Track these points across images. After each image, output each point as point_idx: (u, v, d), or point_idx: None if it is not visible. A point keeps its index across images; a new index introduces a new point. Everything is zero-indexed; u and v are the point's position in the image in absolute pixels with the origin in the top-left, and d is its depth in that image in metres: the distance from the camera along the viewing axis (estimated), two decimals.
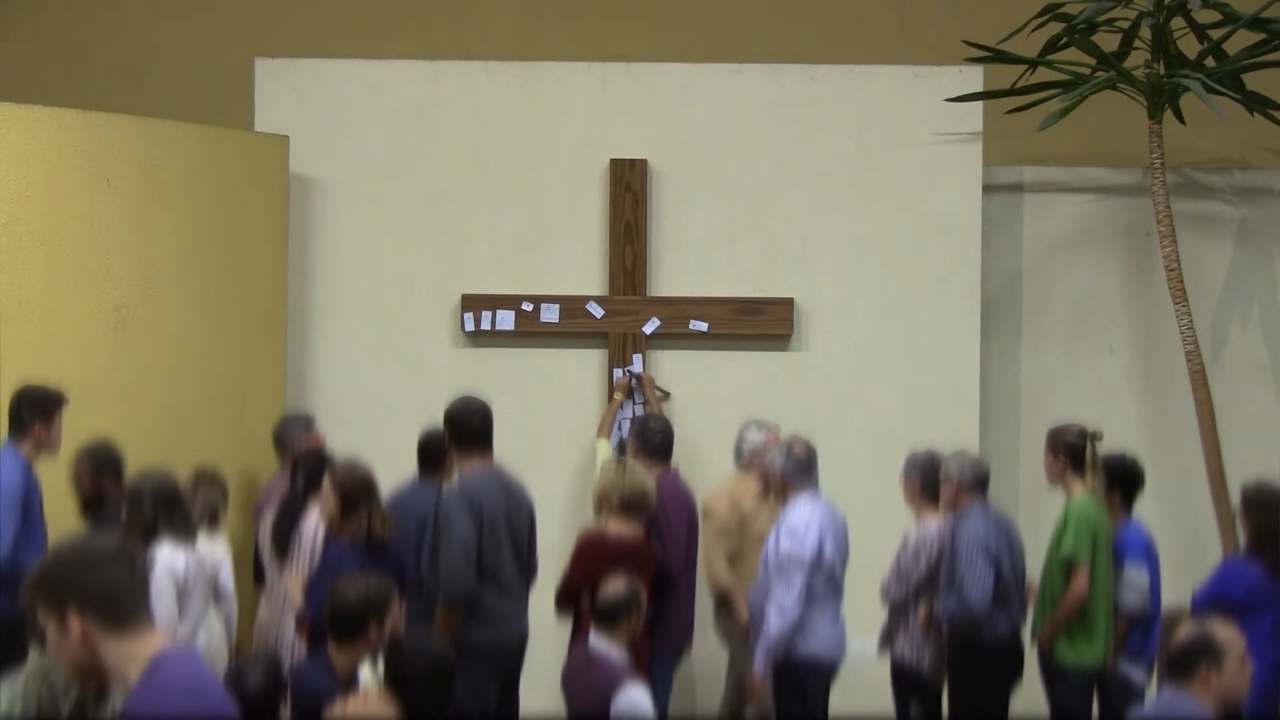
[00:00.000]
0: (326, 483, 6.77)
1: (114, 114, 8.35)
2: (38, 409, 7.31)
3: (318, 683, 5.53)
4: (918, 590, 7.26)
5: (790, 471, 7.20)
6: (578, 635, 6.89)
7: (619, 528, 6.93)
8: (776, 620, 7.00)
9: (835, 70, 9.06)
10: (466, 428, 7.01)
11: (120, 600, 3.59)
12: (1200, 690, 4.95)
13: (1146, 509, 7.71)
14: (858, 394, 8.96)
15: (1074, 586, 7.01)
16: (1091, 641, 7.08)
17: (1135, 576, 7.21)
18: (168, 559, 6.57)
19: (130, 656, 3.58)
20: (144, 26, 10.23)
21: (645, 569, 6.88)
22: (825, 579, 7.10)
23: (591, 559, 6.85)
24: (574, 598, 6.90)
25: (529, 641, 7.18)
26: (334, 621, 5.69)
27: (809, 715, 7.12)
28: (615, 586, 6.39)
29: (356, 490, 6.63)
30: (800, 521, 7.07)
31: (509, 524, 6.95)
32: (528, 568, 7.13)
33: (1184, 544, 8.86)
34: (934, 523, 7.32)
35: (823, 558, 7.06)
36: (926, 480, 7.36)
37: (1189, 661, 4.98)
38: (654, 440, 7.78)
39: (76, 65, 10.10)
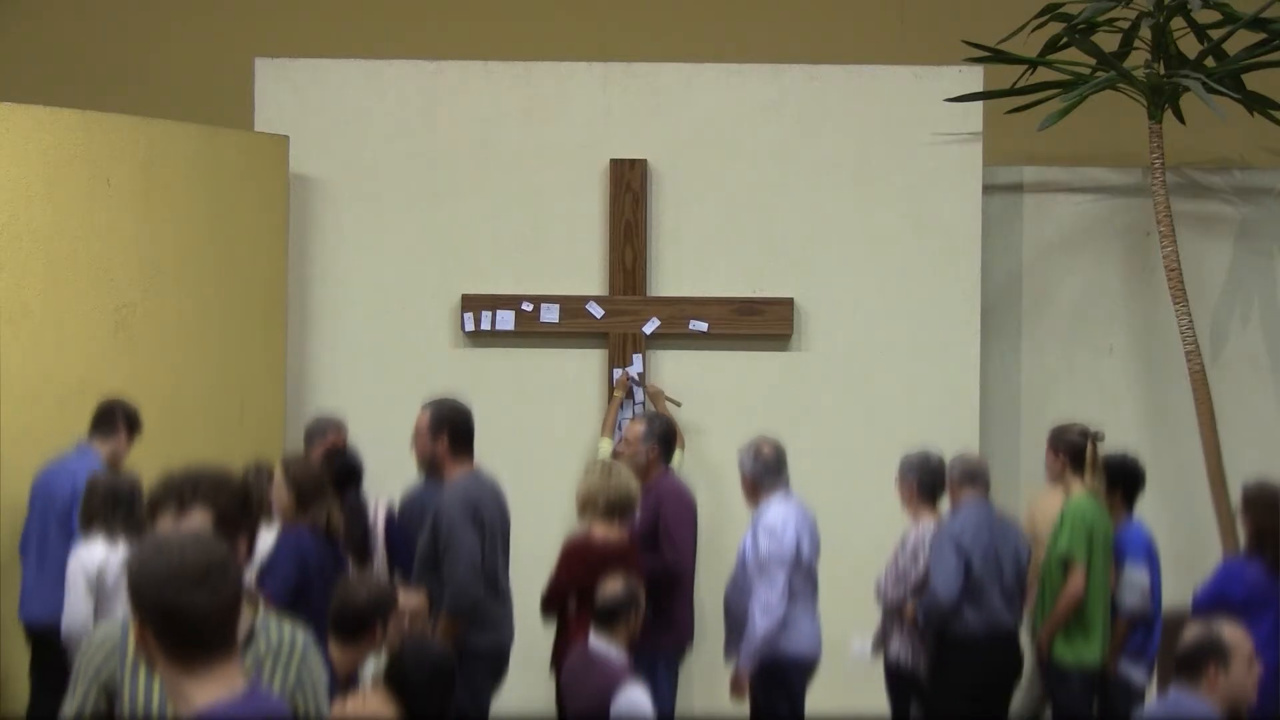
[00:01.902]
0: (279, 475, 6.77)
1: (114, 114, 8.36)
2: (131, 422, 7.54)
3: None
4: (916, 592, 7.25)
5: (759, 473, 7.22)
6: (563, 638, 6.91)
7: (604, 531, 6.92)
8: (763, 619, 7.03)
9: (835, 70, 9.06)
10: (465, 431, 6.95)
11: (182, 628, 3.06)
12: (1208, 691, 4.94)
13: (1146, 509, 7.70)
14: (858, 394, 8.96)
15: (1070, 585, 7.02)
16: (1089, 640, 7.08)
17: (1136, 576, 7.21)
18: (84, 555, 6.64)
19: (182, 695, 3.09)
20: (144, 26, 10.22)
21: (632, 572, 6.90)
22: (804, 577, 7.14)
23: (578, 562, 6.85)
24: (560, 601, 6.90)
25: (526, 641, 7.18)
26: (340, 620, 5.69)
27: (788, 713, 7.14)
28: (614, 587, 6.38)
29: (313, 482, 6.59)
30: (777, 520, 7.10)
31: (501, 528, 6.92)
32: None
33: (1184, 544, 8.86)
34: (932, 524, 7.31)
35: (800, 556, 7.10)
36: (923, 481, 7.36)
37: (1196, 662, 4.97)
38: (673, 442, 7.77)
39: (76, 65, 10.10)
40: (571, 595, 6.84)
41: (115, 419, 7.53)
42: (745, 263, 9.02)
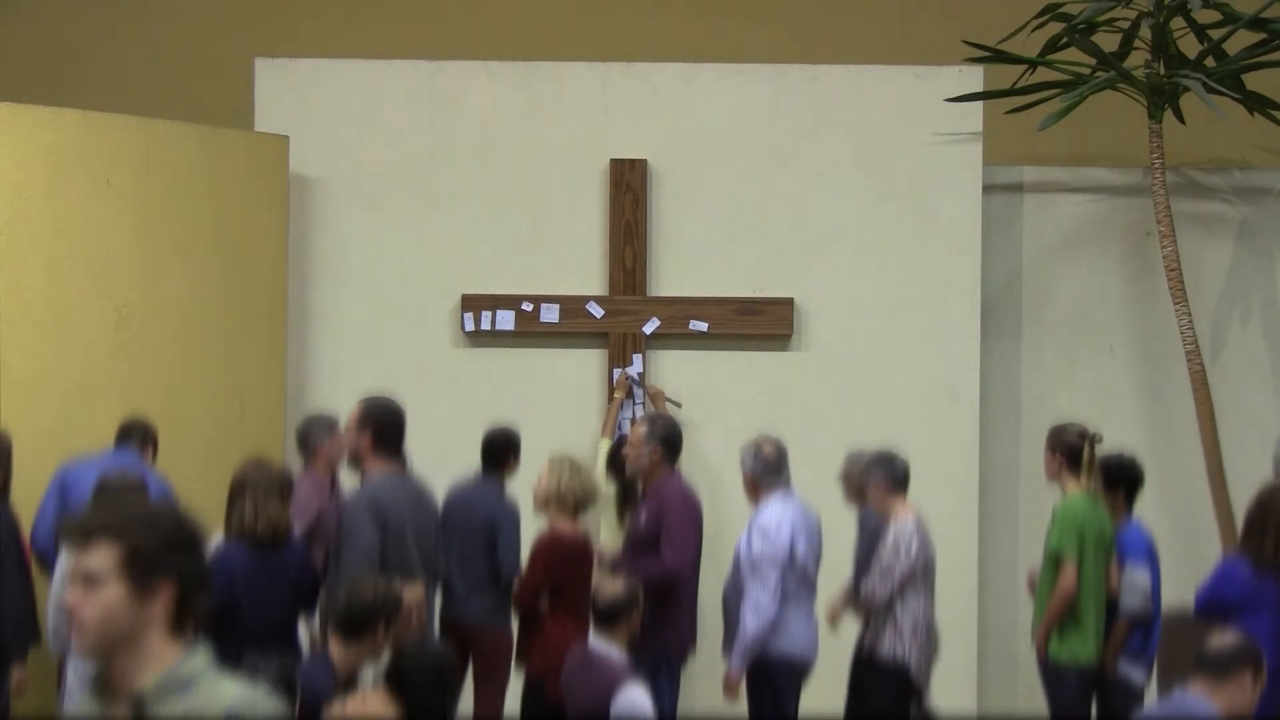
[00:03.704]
0: None
1: (114, 114, 8.35)
2: (155, 444, 7.69)
3: (317, 682, 5.53)
4: (902, 586, 7.22)
5: (759, 472, 7.22)
6: (532, 636, 6.89)
7: (572, 527, 6.95)
8: (753, 619, 7.04)
9: (835, 70, 9.07)
10: (389, 430, 6.83)
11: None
12: (1233, 692, 4.90)
13: (1146, 509, 7.70)
14: (858, 394, 8.96)
15: (1062, 582, 7.02)
16: (1083, 638, 7.07)
17: (1137, 577, 7.20)
18: (65, 557, 6.60)
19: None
20: (144, 26, 10.22)
21: (591, 567, 7.00)
22: (798, 578, 7.13)
23: (554, 559, 6.89)
24: (536, 598, 6.92)
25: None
26: (344, 619, 5.69)
27: (781, 714, 7.14)
28: (614, 587, 6.39)
29: (239, 483, 6.50)
30: (772, 521, 7.11)
31: (416, 532, 6.78)
32: (439, 574, 6.99)
33: (1184, 544, 8.86)
34: (909, 518, 7.26)
35: (795, 556, 7.10)
36: (889, 477, 7.32)
37: (1230, 664, 4.92)
38: (678, 444, 7.74)
39: (76, 65, 10.10)
40: (544, 592, 6.85)
41: (147, 433, 7.62)
42: (745, 263, 9.02)
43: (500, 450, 7.65)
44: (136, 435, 7.62)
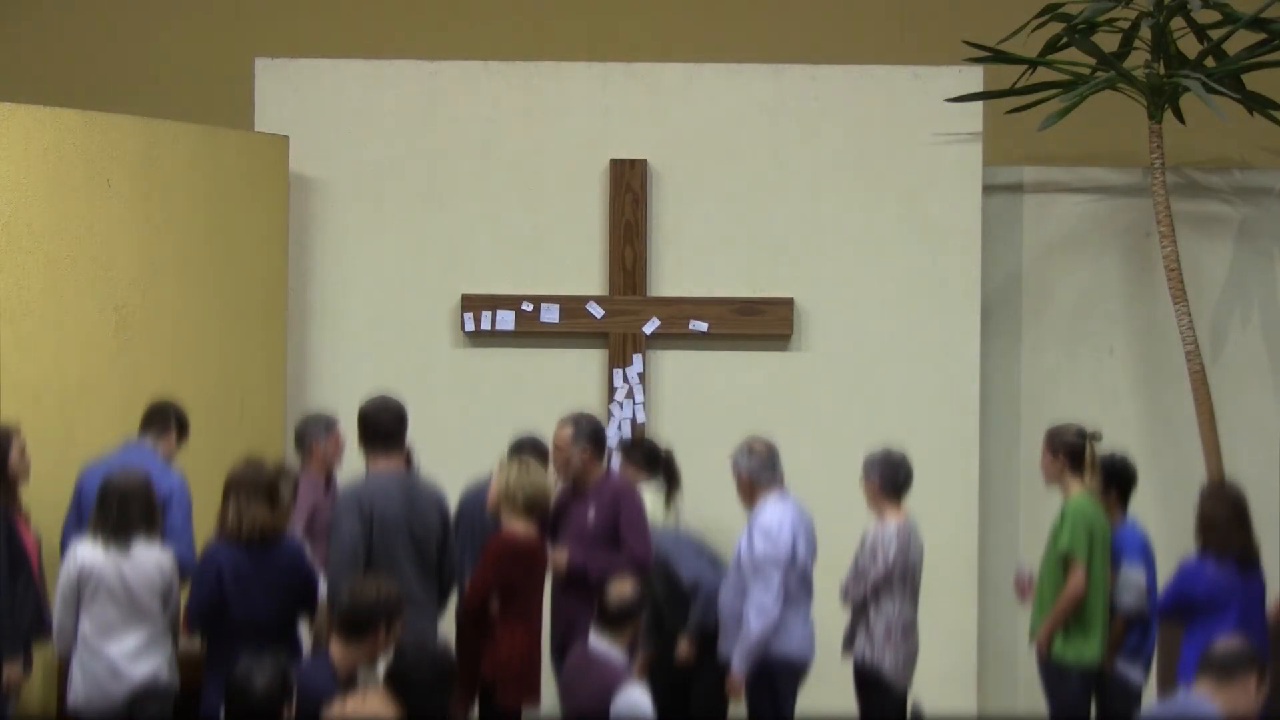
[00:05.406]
0: None
1: (114, 114, 8.36)
2: (182, 424, 7.60)
3: (317, 682, 5.54)
4: (876, 589, 7.22)
5: (756, 470, 7.23)
6: (481, 640, 6.76)
7: (524, 528, 6.85)
8: (757, 620, 7.04)
9: (835, 70, 9.07)
10: (374, 427, 6.82)
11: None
12: (1236, 694, 4.91)
13: (1146, 509, 7.71)
14: (858, 394, 8.97)
15: (1070, 582, 7.02)
16: (1088, 638, 7.08)
17: (1132, 576, 7.22)
18: (70, 557, 6.58)
19: None
20: (144, 26, 10.22)
21: (544, 569, 6.92)
22: (798, 578, 7.14)
23: (506, 561, 6.76)
24: (485, 601, 6.76)
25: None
26: (345, 619, 5.70)
27: (779, 715, 7.14)
28: (625, 589, 6.38)
29: (227, 483, 6.50)
30: (773, 521, 7.11)
31: (409, 530, 6.72)
32: (440, 577, 6.90)
33: (1184, 544, 8.82)
34: (893, 522, 7.27)
35: (796, 557, 7.11)
36: (885, 477, 7.32)
37: (1237, 667, 4.93)
38: (605, 440, 7.69)
39: (76, 65, 10.10)
40: (494, 595, 6.75)
41: (168, 419, 7.55)
42: (745, 263, 9.03)
43: (523, 453, 7.62)
44: (155, 424, 7.55)
